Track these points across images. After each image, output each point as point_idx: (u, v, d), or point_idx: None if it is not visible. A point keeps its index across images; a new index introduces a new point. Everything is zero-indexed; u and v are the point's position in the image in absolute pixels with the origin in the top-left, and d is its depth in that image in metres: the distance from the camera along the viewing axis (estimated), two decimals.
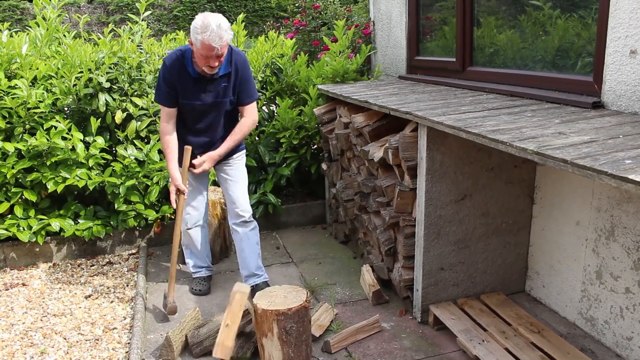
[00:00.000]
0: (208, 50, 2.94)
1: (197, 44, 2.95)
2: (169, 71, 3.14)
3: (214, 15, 2.97)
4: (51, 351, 3.01)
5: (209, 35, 2.89)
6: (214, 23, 2.89)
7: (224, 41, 2.94)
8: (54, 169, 3.93)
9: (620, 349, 2.76)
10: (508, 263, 3.32)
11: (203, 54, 2.97)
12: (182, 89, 3.17)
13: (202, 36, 2.90)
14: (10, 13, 11.88)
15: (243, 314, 2.94)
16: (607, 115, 2.54)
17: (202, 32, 2.89)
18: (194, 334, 2.93)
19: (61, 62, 4.05)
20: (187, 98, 3.19)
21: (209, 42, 2.90)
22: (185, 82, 3.15)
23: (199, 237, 3.58)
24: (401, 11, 4.54)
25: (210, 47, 2.92)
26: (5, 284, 3.80)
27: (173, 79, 3.14)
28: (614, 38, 2.59)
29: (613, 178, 1.70)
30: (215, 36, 2.90)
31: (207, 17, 2.93)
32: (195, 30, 2.93)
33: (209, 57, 2.98)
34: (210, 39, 2.89)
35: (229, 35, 2.98)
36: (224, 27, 2.93)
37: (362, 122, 3.53)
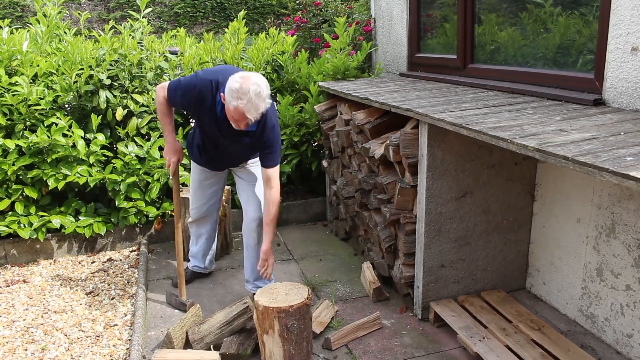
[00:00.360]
0: (240, 117, 2.69)
1: (229, 106, 2.69)
2: (194, 95, 2.91)
3: (254, 79, 2.66)
4: (52, 348, 3.02)
5: (244, 104, 2.63)
6: (253, 92, 2.61)
7: (259, 113, 2.69)
8: (54, 165, 3.94)
9: (621, 346, 2.76)
10: (508, 260, 3.32)
11: (234, 117, 2.72)
12: (202, 118, 3.02)
13: (237, 102, 2.63)
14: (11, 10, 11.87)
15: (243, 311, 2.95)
16: (609, 113, 2.54)
17: (238, 98, 2.63)
18: (194, 330, 2.93)
19: (62, 59, 4.05)
20: (203, 127, 3.08)
21: (243, 111, 2.65)
22: (208, 114, 2.95)
23: (195, 232, 3.59)
24: (402, 8, 4.53)
25: (243, 116, 2.67)
26: (6, 281, 3.80)
27: (193, 102, 2.94)
28: (616, 35, 2.59)
29: (614, 175, 1.70)
30: (251, 107, 2.64)
31: (246, 82, 2.63)
32: (231, 93, 2.64)
33: (239, 121, 2.73)
34: (245, 108, 2.64)
35: (267, 105, 2.72)
36: (262, 96, 2.66)
37: (363, 119, 3.53)
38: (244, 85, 2.62)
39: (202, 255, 3.68)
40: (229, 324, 2.96)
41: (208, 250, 3.70)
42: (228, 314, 2.98)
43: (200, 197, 3.44)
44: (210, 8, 13.19)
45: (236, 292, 3.60)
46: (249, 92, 2.61)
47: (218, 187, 3.45)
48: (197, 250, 3.66)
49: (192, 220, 3.55)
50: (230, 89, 2.66)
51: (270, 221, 3.11)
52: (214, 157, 3.26)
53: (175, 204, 3.28)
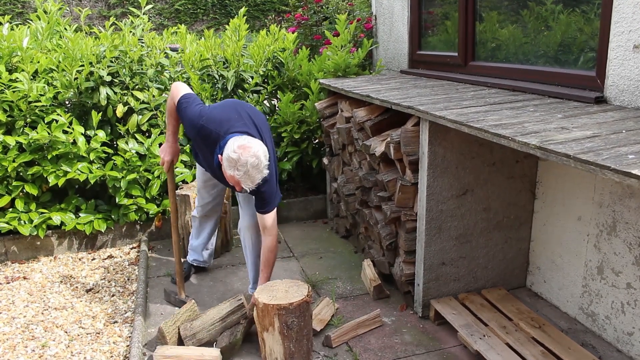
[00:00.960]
0: (236, 184, 2.71)
1: (226, 172, 2.69)
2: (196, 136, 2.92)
3: (254, 150, 2.63)
4: (52, 344, 3.02)
5: (241, 175, 2.63)
6: (250, 164, 2.60)
7: (255, 184, 2.69)
8: (55, 162, 3.93)
9: (621, 345, 2.76)
10: (509, 258, 3.32)
11: (230, 180, 2.73)
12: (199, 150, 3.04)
13: (233, 172, 2.63)
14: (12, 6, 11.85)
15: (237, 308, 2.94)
16: (610, 110, 2.53)
17: (236, 168, 2.62)
18: (187, 326, 2.92)
19: (62, 55, 4.04)
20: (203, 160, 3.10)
21: (239, 181, 2.66)
22: (207, 153, 2.96)
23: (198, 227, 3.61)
24: (403, 5, 4.52)
25: (238, 184, 2.70)
26: (7, 278, 3.80)
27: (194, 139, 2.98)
28: (617, 33, 2.58)
29: (616, 173, 1.69)
30: (247, 179, 2.65)
31: (244, 153, 2.61)
32: (229, 162, 2.63)
33: (234, 185, 2.75)
34: (241, 180, 2.65)
35: (264, 175, 2.70)
36: (260, 168, 2.65)
37: (363, 116, 3.52)
38: (242, 156, 2.60)
39: (203, 249, 3.71)
40: (222, 321, 2.94)
41: (209, 245, 3.74)
42: (221, 310, 2.96)
43: (206, 195, 3.48)
44: (211, 5, 13.17)
45: (236, 289, 3.59)
46: (246, 165, 2.61)
47: (222, 186, 3.48)
48: (198, 244, 3.68)
49: (198, 216, 3.58)
50: (228, 157, 2.64)
51: (264, 268, 3.07)
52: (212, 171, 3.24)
53: (171, 203, 3.28)
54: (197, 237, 3.68)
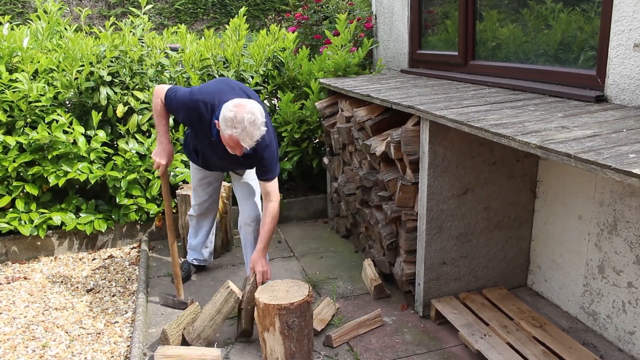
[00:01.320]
0: (235, 145, 2.69)
1: (224, 134, 2.69)
2: (192, 113, 2.91)
3: (249, 107, 2.64)
4: (53, 345, 3.02)
5: (239, 133, 2.62)
6: (247, 120, 2.60)
7: (255, 140, 2.68)
8: (55, 162, 3.93)
9: (623, 344, 2.75)
10: (510, 257, 3.32)
11: (229, 144, 2.72)
12: (197, 134, 3.03)
13: (231, 131, 2.62)
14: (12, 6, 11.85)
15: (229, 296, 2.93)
16: (611, 109, 2.53)
17: (233, 127, 2.61)
18: (189, 330, 2.92)
19: (62, 55, 4.04)
20: (199, 142, 3.09)
21: (238, 140, 2.64)
22: (203, 134, 2.96)
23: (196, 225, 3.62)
24: (403, 5, 4.52)
25: (237, 144, 2.67)
26: (7, 278, 3.80)
27: (188, 120, 2.97)
28: (618, 31, 2.58)
29: (617, 172, 1.69)
30: (246, 136, 2.63)
31: (240, 110, 2.62)
32: (225, 122, 2.63)
33: (234, 148, 2.73)
34: (240, 137, 2.63)
35: (262, 132, 2.69)
36: (257, 124, 2.64)
37: (364, 116, 3.52)
38: (238, 114, 2.60)
39: (202, 247, 3.70)
40: (219, 312, 2.94)
41: (209, 243, 3.73)
42: (215, 303, 2.96)
43: (202, 194, 3.47)
44: (211, 4, 13.17)
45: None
46: (243, 121, 2.60)
47: (217, 183, 3.49)
48: (197, 242, 3.68)
49: (195, 215, 3.57)
50: (224, 117, 2.64)
51: (265, 232, 3.07)
52: (210, 162, 3.25)
53: (165, 206, 3.26)
54: (195, 236, 3.67)
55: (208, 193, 3.47)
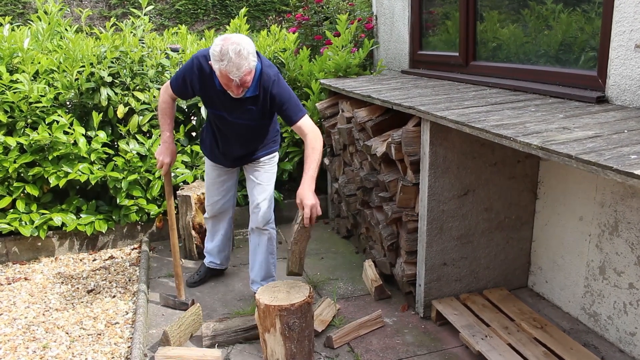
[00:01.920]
0: (227, 80, 2.71)
1: (215, 71, 2.73)
2: (194, 73, 2.93)
3: (235, 39, 2.67)
4: (53, 345, 3.01)
5: (225, 65, 2.63)
6: (232, 51, 2.61)
7: (242, 71, 2.67)
8: (55, 163, 3.93)
9: (624, 345, 2.75)
10: (511, 258, 3.32)
11: (223, 81, 2.76)
12: (205, 97, 3.02)
13: (219, 65, 2.66)
14: (12, 7, 11.85)
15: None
16: (612, 110, 2.52)
17: (219, 60, 2.64)
18: (209, 325, 2.96)
19: (63, 56, 4.04)
20: (211, 106, 3.06)
21: (226, 72, 2.66)
22: (210, 91, 2.96)
23: (211, 228, 3.58)
24: (404, 5, 4.51)
25: (228, 78, 2.69)
26: (8, 278, 3.80)
27: (195, 82, 2.95)
28: (619, 32, 2.57)
29: (618, 173, 1.69)
30: (232, 67, 2.64)
31: (225, 43, 2.64)
32: (213, 57, 2.67)
33: (229, 85, 2.75)
34: (227, 69, 2.65)
35: (250, 63, 2.69)
36: (243, 55, 2.64)
37: (364, 116, 3.52)
38: (224, 46, 2.62)
39: (218, 252, 3.65)
40: (245, 331, 2.99)
41: (224, 247, 3.66)
42: (247, 322, 3.01)
43: (215, 193, 3.42)
44: (212, 5, 13.17)
45: (238, 290, 3.59)
46: (228, 52, 2.60)
47: (231, 182, 3.44)
48: (213, 246, 3.63)
49: (209, 217, 3.54)
50: (212, 52, 2.67)
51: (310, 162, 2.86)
52: (225, 147, 3.21)
53: (168, 206, 3.26)
54: (212, 240, 3.62)
55: (221, 193, 3.42)
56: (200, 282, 3.67)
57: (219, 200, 3.45)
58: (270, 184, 3.28)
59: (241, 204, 4.40)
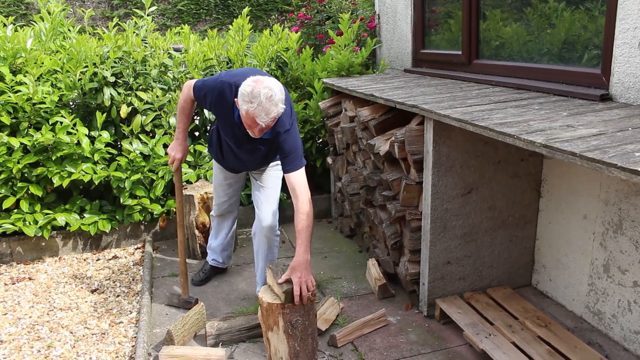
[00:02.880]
0: (252, 122, 2.60)
1: (241, 111, 2.61)
2: (215, 96, 2.87)
3: (267, 83, 2.57)
4: (58, 345, 3.02)
5: (255, 108, 2.53)
6: (263, 95, 2.52)
7: (271, 117, 2.57)
8: (59, 163, 3.94)
9: (628, 343, 2.74)
10: (514, 257, 3.31)
11: (246, 122, 2.63)
12: (220, 120, 2.99)
13: (247, 106, 2.55)
14: (15, 8, 11.89)
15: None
16: (616, 108, 2.52)
17: (249, 101, 2.54)
18: (213, 324, 2.97)
19: (66, 56, 4.04)
20: (222, 129, 3.03)
21: (254, 115, 2.55)
22: (226, 119, 2.91)
23: (216, 226, 3.62)
24: (406, 4, 4.51)
25: (253, 121, 2.58)
26: (12, 278, 3.81)
27: (214, 104, 2.91)
28: (623, 30, 2.57)
29: (623, 171, 1.69)
30: (261, 111, 2.54)
31: (258, 86, 2.54)
32: (243, 97, 2.56)
33: (252, 127, 2.64)
34: (255, 113, 2.54)
35: (279, 110, 2.60)
36: (274, 101, 2.55)
37: (367, 115, 3.52)
38: (255, 88, 2.53)
39: (221, 250, 3.69)
40: (249, 330, 2.99)
41: (227, 246, 3.70)
42: (250, 320, 3.01)
43: (222, 194, 3.46)
44: (214, 5, 13.19)
45: (241, 289, 3.59)
46: (259, 96, 2.52)
47: (238, 185, 3.47)
48: (217, 244, 3.67)
49: (215, 215, 3.59)
50: (242, 92, 2.58)
51: (301, 234, 2.84)
52: (232, 160, 3.20)
53: (177, 202, 3.28)
54: (216, 237, 3.67)
55: (228, 195, 3.46)
56: (206, 280, 3.68)
57: (226, 201, 3.49)
58: (276, 188, 3.24)
59: (244, 203, 4.40)
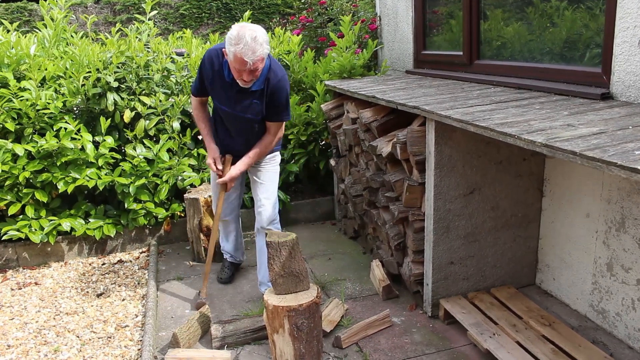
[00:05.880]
0: (240, 64, 2.79)
1: (230, 56, 2.82)
2: (205, 66, 3.08)
3: (251, 26, 2.80)
4: (64, 349, 3.04)
5: (241, 48, 2.73)
6: (248, 35, 2.73)
7: (257, 55, 2.77)
8: (64, 169, 3.96)
9: (633, 341, 2.74)
10: (518, 256, 3.31)
11: (235, 67, 2.83)
12: (213, 89, 3.13)
13: (234, 48, 2.75)
14: (19, 14, 11.94)
15: None
16: (616, 107, 2.52)
17: (236, 43, 2.74)
18: (217, 327, 2.98)
19: (69, 62, 4.07)
20: (217, 99, 3.16)
21: (241, 55, 2.74)
22: (218, 83, 3.07)
23: (223, 229, 3.72)
24: (407, 5, 4.52)
25: (242, 61, 2.77)
26: (19, 283, 3.84)
27: (207, 74, 3.09)
28: (623, 28, 2.57)
29: (623, 169, 1.69)
30: (248, 50, 2.73)
31: (242, 29, 2.76)
32: (230, 41, 2.78)
33: (241, 71, 2.83)
34: (242, 52, 2.74)
35: (264, 50, 2.79)
36: (259, 41, 2.76)
37: (369, 117, 3.53)
38: (241, 31, 2.74)
39: (235, 249, 3.80)
40: (254, 332, 3.01)
41: (239, 245, 3.82)
42: (255, 323, 3.03)
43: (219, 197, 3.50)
44: (216, 9, 13.21)
45: (246, 292, 3.61)
46: (245, 36, 2.72)
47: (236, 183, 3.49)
48: (230, 247, 3.79)
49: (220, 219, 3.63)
50: (228, 37, 2.79)
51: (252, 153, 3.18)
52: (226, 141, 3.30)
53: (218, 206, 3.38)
54: (227, 240, 3.78)
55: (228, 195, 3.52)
56: (232, 277, 3.79)
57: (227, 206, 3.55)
58: (272, 183, 3.36)
59: (248, 206, 4.41)
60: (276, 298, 2.66)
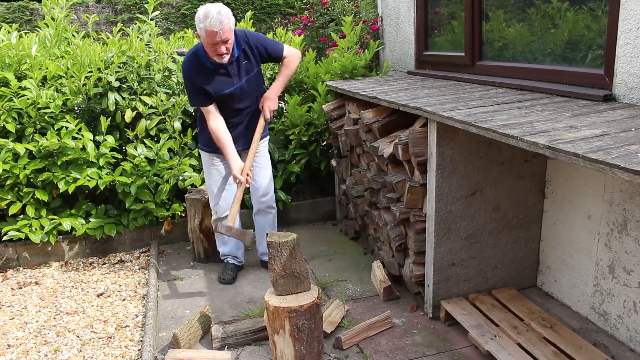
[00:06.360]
0: (212, 37, 3.07)
1: (202, 34, 3.10)
2: (188, 73, 3.30)
3: (214, 4, 3.12)
4: (64, 349, 3.03)
5: (209, 21, 3.03)
6: (213, 10, 3.04)
7: (224, 25, 3.07)
8: (64, 168, 3.96)
9: (634, 344, 2.74)
10: (519, 258, 3.31)
11: (209, 42, 3.10)
12: (208, 84, 3.29)
13: (203, 24, 3.05)
14: (20, 14, 11.94)
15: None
16: (619, 108, 2.52)
17: (204, 19, 3.04)
18: (218, 328, 2.98)
19: (70, 61, 4.06)
20: (217, 90, 3.31)
21: (211, 28, 3.03)
22: (208, 75, 3.28)
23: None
24: (409, 6, 4.52)
25: (213, 33, 3.05)
26: (19, 283, 3.83)
27: (195, 78, 3.28)
28: (626, 30, 2.57)
29: (626, 171, 1.69)
30: (215, 21, 3.03)
31: (207, 7, 3.08)
32: (199, 20, 3.08)
33: (215, 45, 3.11)
34: (211, 24, 3.03)
35: (230, 21, 3.12)
36: (224, 13, 3.08)
37: (371, 118, 3.52)
38: (206, 9, 3.05)
39: (236, 248, 3.82)
40: (255, 333, 3.00)
41: (239, 246, 3.82)
42: (256, 323, 3.03)
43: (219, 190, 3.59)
44: None
45: (247, 292, 3.60)
46: (210, 12, 3.03)
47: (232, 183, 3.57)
48: (229, 250, 3.81)
49: (217, 218, 3.65)
50: (197, 18, 3.09)
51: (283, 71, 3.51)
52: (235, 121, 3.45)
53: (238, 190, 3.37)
54: (226, 243, 3.79)
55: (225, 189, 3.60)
56: (235, 277, 3.79)
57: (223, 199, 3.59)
58: (267, 166, 3.67)
59: (247, 205, 4.41)
60: (277, 299, 2.66)
